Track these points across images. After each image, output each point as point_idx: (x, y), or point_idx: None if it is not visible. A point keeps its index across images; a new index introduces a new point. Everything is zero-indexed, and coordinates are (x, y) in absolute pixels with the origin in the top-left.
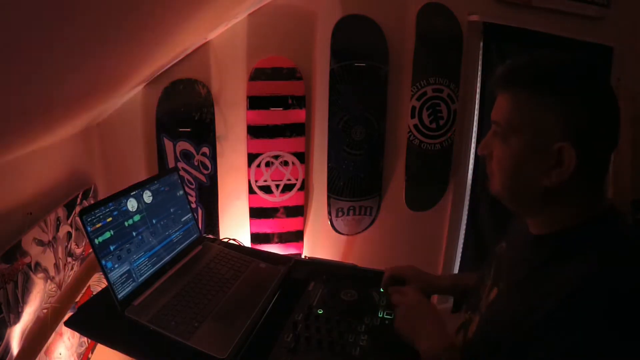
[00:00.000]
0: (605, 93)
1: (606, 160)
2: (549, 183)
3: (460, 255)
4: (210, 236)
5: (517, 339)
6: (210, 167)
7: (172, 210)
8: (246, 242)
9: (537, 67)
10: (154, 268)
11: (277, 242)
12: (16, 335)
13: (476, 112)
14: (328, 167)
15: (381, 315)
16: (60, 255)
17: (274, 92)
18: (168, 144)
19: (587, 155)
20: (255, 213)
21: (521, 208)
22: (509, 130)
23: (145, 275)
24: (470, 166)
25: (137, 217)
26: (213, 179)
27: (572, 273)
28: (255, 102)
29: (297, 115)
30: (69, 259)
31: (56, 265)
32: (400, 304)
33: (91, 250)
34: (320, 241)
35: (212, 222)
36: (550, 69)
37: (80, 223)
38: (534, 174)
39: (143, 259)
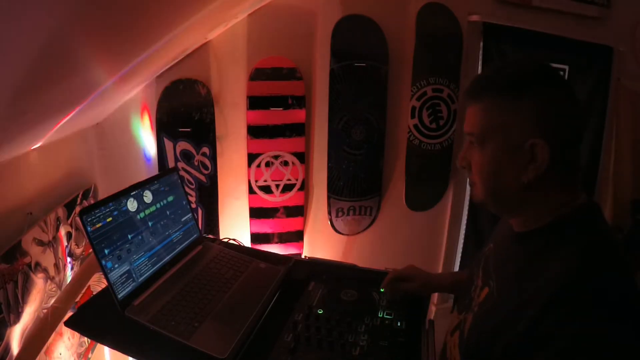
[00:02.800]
0: (565, 90)
1: (576, 153)
2: (527, 179)
3: (460, 255)
4: (210, 236)
5: (509, 340)
6: (210, 167)
7: (172, 210)
8: (246, 242)
9: (501, 76)
10: (154, 268)
11: (277, 242)
12: (16, 335)
13: None
14: (328, 167)
15: (381, 315)
16: (60, 255)
17: (274, 92)
18: (168, 144)
19: (558, 148)
20: (255, 213)
21: (505, 208)
22: (484, 137)
23: (145, 275)
24: None
25: (137, 217)
26: (213, 179)
27: (555, 272)
28: (255, 102)
29: (297, 115)
30: (69, 259)
31: (56, 265)
32: None
33: (91, 250)
34: (320, 241)
35: (212, 222)
36: (513, 75)
37: (80, 223)
38: (512, 173)
39: (143, 259)
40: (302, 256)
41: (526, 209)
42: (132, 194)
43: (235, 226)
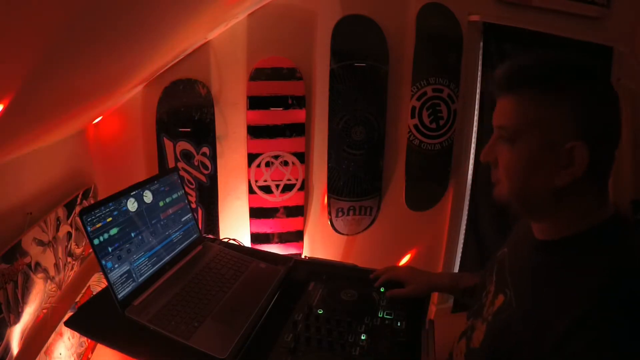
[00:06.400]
0: (609, 89)
1: (613, 159)
2: (560, 183)
3: (460, 255)
4: (210, 236)
5: (535, 356)
6: (210, 167)
7: (172, 210)
8: (246, 242)
9: (542, 66)
10: (154, 268)
11: (277, 242)
12: (16, 335)
13: (476, 112)
14: (328, 167)
15: (381, 315)
16: (60, 255)
17: (274, 92)
18: (168, 144)
19: (597, 153)
20: (255, 213)
21: (531, 212)
22: (516, 134)
23: (145, 275)
24: (470, 166)
25: (137, 217)
26: (213, 179)
27: (583, 289)
28: (255, 102)
29: (297, 115)
30: (69, 259)
31: (56, 265)
32: None
33: (91, 250)
34: (320, 241)
35: (212, 222)
36: (557, 67)
37: (80, 223)
38: (545, 175)
39: (143, 259)
40: (302, 256)
41: (553, 214)
42: (132, 194)
43: (235, 226)
